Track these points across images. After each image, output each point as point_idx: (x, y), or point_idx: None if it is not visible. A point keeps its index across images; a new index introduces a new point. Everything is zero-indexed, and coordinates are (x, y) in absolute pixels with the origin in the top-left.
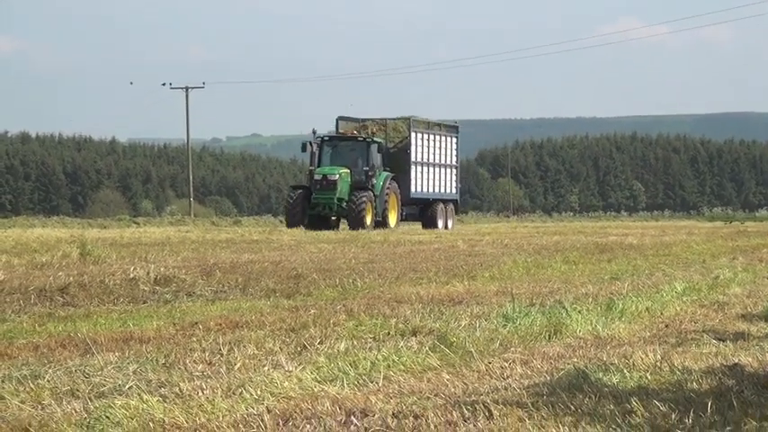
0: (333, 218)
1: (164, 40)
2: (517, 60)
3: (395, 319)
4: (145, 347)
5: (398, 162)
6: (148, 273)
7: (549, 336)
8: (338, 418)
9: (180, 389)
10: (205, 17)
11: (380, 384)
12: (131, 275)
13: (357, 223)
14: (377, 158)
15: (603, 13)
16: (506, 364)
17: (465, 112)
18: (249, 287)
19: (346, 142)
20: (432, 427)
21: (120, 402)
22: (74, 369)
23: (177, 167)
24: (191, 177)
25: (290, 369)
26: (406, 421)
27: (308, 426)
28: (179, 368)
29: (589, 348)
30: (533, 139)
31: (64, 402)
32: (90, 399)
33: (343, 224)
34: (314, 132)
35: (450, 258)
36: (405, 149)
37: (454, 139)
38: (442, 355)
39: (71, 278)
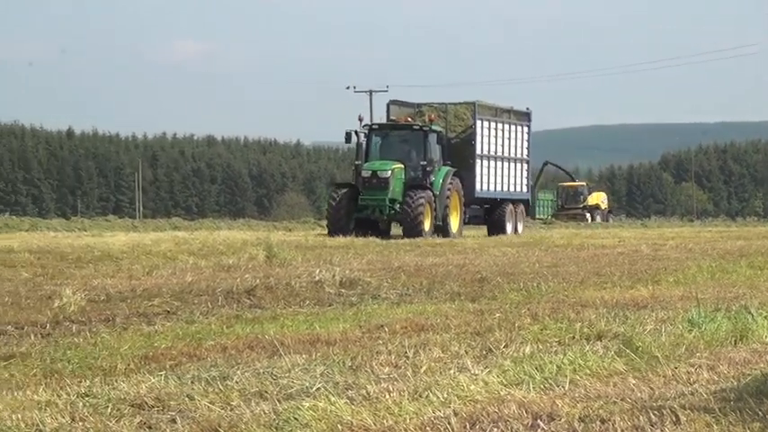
0: (381, 221)
1: (348, 41)
2: (701, 63)
3: (580, 324)
4: (331, 350)
5: (461, 155)
6: (334, 275)
7: (735, 341)
8: (525, 422)
9: (367, 391)
10: (390, 18)
11: (566, 388)
12: (317, 278)
13: (413, 229)
14: (436, 151)
15: None
16: (692, 369)
17: (649, 115)
18: (434, 290)
19: (399, 132)
20: (618, 431)
21: (308, 404)
22: (261, 371)
23: None
24: None
25: (476, 372)
26: (593, 425)
27: (495, 429)
28: (365, 370)
29: None
30: (717, 143)
31: (252, 403)
32: (278, 400)
33: (396, 228)
34: (360, 120)
35: (634, 263)
36: (469, 140)
37: (526, 128)
38: (627, 359)
39: (257, 280)
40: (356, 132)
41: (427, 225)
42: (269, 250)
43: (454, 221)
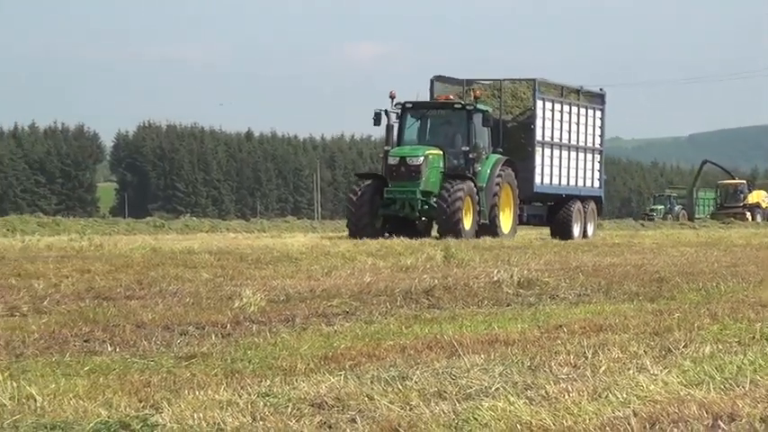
0: (420, 220)
1: (524, 39)
2: None
3: (760, 323)
4: (510, 350)
5: (517, 141)
6: (512, 276)
7: None
8: (705, 422)
9: (546, 391)
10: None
11: (747, 389)
12: (495, 278)
13: (449, 227)
14: (483, 134)
15: None
16: None
17: None
18: (612, 290)
19: (438, 111)
20: None
21: (487, 404)
22: (440, 371)
23: None
24: None
25: (656, 372)
26: None
27: (675, 429)
28: (544, 371)
29: None
30: None
31: (432, 403)
32: (457, 400)
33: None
34: (392, 97)
35: None
36: (527, 124)
37: (598, 113)
38: None
39: (436, 281)
40: (386, 112)
41: (468, 223)
42: (447, 251)
43: (505, 219)
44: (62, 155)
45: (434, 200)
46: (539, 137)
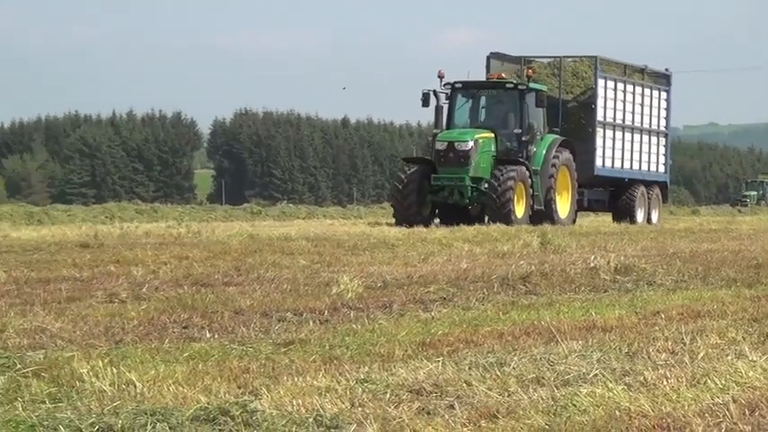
0: (471, 206)
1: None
2: None
3: None
4: (607, 336)
5: (577, 122)
6: (609, 262)
7: None
8: None
9: (644, 377)
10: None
11: None
12: (592, 264)
13: (499, 214)
14: (537, 115)
15: None
16: None
17: None
18: (709, 276)
19: (489, 91)
20: None
21: (585, 390)
22: (538, 357)
23: None
24: None
25: (754, 359)
26: None
27: None
28: (642, 357)
29: None
30: None
31: (530, 389)
32: (555, 386)
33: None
34: (440, 77)
35: None
36: (588, 104)
37: (663, 94)
38: None
39: (532, 267)
40: (435, 93)
41: (520, 210)
42: (543, 237)
43: (562, 204)
44: (160, 142)
45: (485, 186)
46: (600, 117)
